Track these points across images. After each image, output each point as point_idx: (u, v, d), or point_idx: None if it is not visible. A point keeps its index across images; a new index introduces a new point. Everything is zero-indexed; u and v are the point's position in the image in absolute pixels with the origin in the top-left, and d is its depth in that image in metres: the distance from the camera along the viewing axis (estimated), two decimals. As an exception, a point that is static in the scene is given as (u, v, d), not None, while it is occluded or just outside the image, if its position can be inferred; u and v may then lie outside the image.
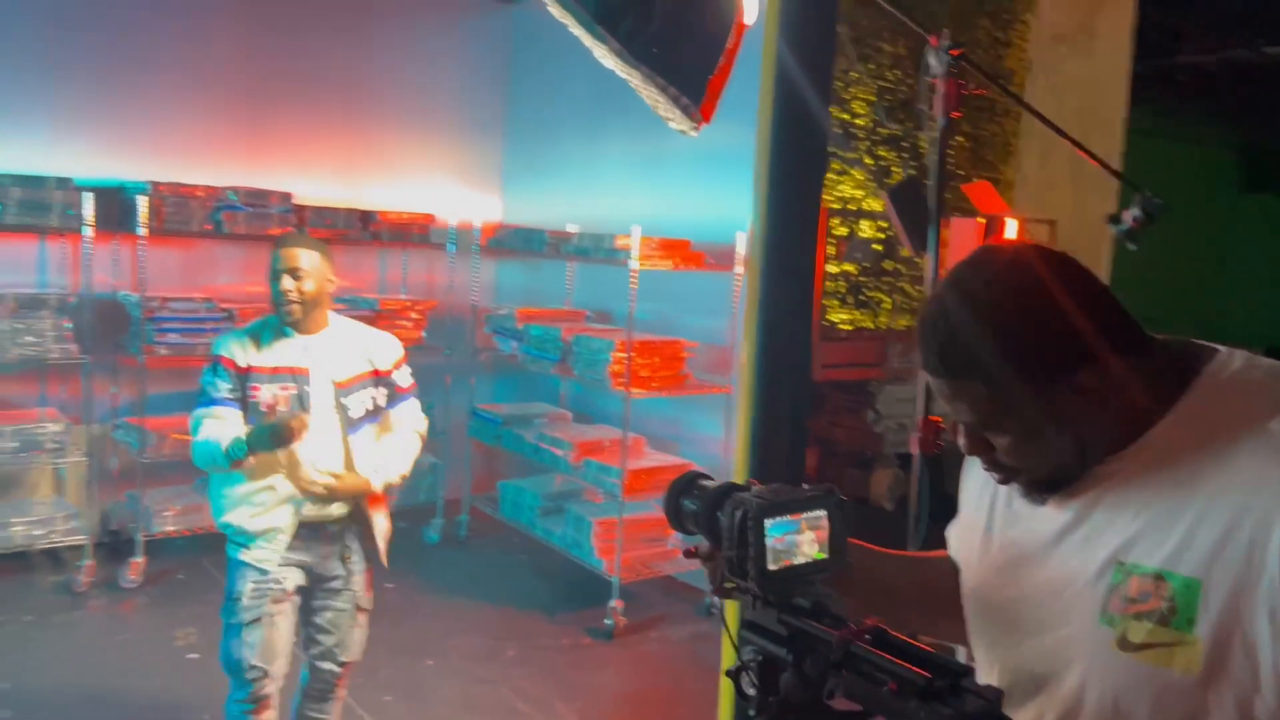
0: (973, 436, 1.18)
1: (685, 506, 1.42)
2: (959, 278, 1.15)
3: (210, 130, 5.42)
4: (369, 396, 2.88)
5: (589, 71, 5.62)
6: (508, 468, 5.99)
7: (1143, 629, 1.06)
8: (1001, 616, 1.25)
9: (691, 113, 2.62)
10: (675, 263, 4.86)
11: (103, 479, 5.18)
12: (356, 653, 3.00)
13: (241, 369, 2.77)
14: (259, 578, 2.77)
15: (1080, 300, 1.11)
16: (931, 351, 1.15)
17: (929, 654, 1.11)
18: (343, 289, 5.78)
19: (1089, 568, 1.13)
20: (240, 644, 2.76)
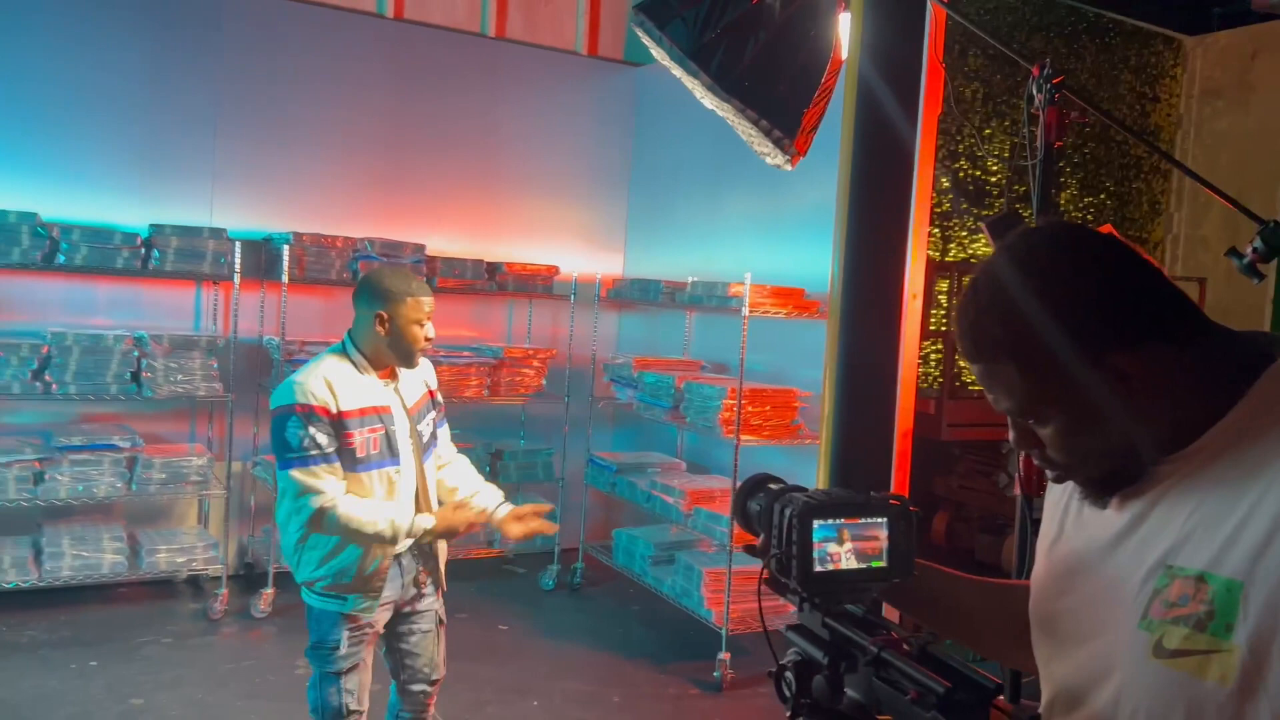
0: (1018, 427, 1.14)
1: (750, 508, 1.41)
2: (993, 259, 1.12)
3: (350, 185, 5.78)
4: (430, 420, 2.90)
5: (709, 127, 5.74)
6: (626, 516, 6.02)
7: (1178, 634, 0.98)
8: (1054, 628, 1.19)
9: (785, 145, 2.64)
10: (789, 310, 4.84)
11: (241, 513, 5.49)
12: (443, 667, 3.02)
13: (335, 416, 2.62)
14: (352, 625, 2.74)
15: (1121, 281, 1.06)
16: (964, 335, 1.12)
17: (966, 669, 1.06)
18: (470, 337, 6.03)
19: (1138, 572, 1.06)
20: (340, 691, 2.73)
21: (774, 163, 2.73)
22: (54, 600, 4.90)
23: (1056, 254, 1.08)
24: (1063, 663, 1.15)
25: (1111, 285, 1.06)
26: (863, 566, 1.28)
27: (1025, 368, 1.06)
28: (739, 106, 2.51)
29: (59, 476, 4.76)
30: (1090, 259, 1.07)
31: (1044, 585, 1.22)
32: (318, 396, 2.59)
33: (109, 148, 5.21)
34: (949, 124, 6.67)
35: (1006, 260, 1.10)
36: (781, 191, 5.39)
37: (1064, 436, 1.09)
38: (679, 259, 6.07)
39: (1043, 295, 1.05)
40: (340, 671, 2.73)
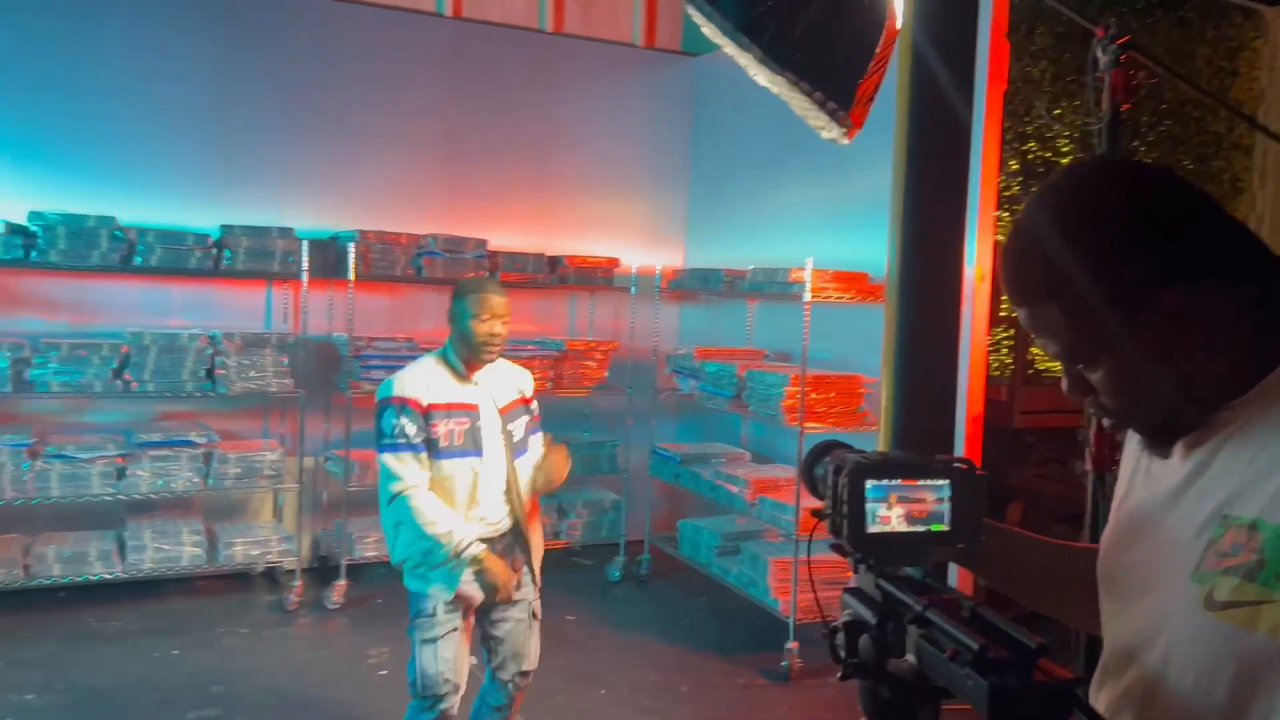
0: (1070, 374, 1.09)
1: (816, 472, 1.38)
2: (1036, 196, 1.07)
3: (413, 183, 5.87)
4: (522, 424, 3.06)
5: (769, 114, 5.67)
6: (691, 507, 6.00)
7: (1229, 585, 0.93)
8: (1118, 584, 1.14)
9: (840, 118, 2.60)
10: (852, 295, 4.77)
11: (314, 507, 5.61)
12: (534, 660, 3.10)
13: (424, 408, 2.86)
14: (447, 595, 2.87)
15: (1172, 213, 1.00)
16: (1009, 277, 1.08)
17: (1011, 629, 1.02)
18: (533, 331, 6.07)
19: (1195, 523, 1.00)
20: (435, 659, 2.85)
21: (830, 136, 2.69)
22: (138, 592, 5.06)
23: (1101, 186, 1.03)
24: (1121, 621, 1.11)
25: (1162, 217, 1.00)
26: (920, 529, 1.24)
27: (1070, 309, 1.02)
28: (792, 79, 2.47)
29: (140, 472, 4.91)
30: (1138, 190, 1.02)
31: (1109, 542, 1.17)
32: (410, 390, 2.86)
33: (181, 152, 5.37)
34: (1016, 105, 6.51)
35: (1049, 196, 1.05)
36: (842, 175, 5.31)
37: (1116, 381, 1.03)
38: (739, 248, 6.03)
39: (1087, 229, 1.01)
40: (436, 638, 2.85)
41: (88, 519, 5.09)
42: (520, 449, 3.03)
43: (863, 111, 2.61)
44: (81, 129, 5.17)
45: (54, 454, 4.78)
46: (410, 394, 2.85)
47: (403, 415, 2.82)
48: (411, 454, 2.82)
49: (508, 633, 3.01)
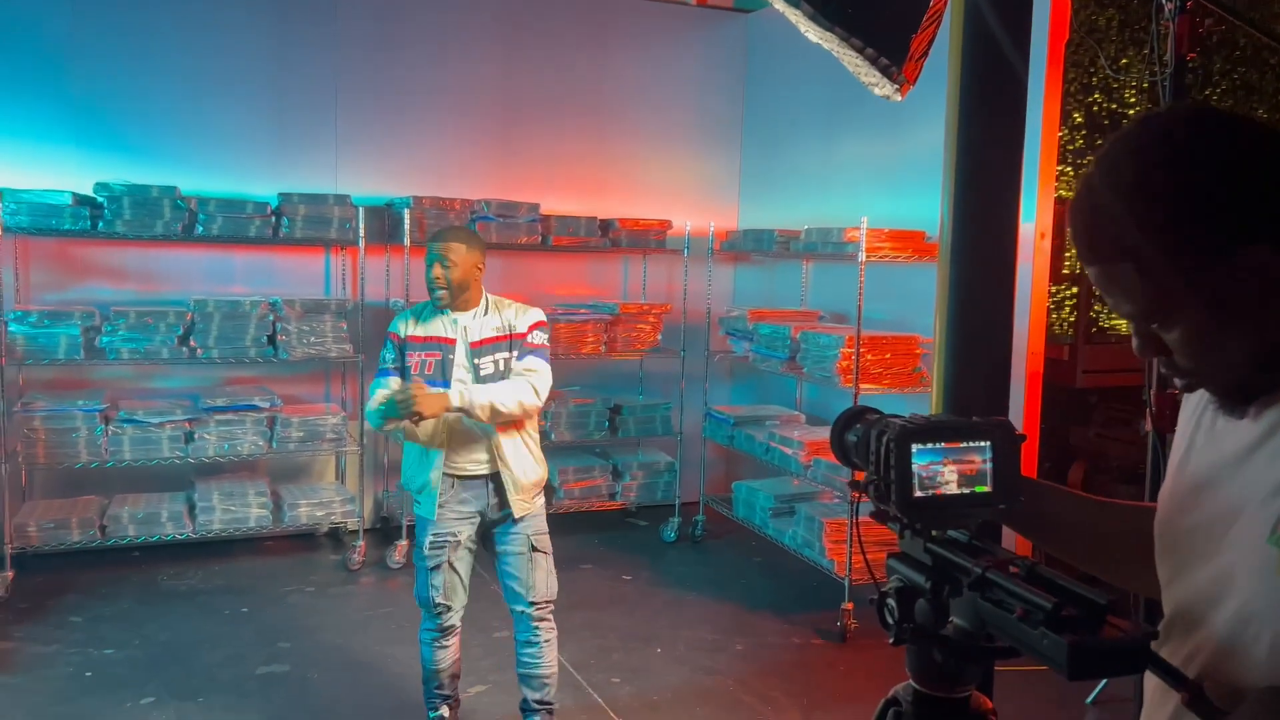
0: (1142, 334, 1.05)
1: (848, 440, 1.38)
2: (1108, 149, 1.03)
3: (465, 148, 5.89)
4: (501, 359, 3.20)
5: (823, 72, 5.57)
6: (745, 469, 6.01)
7: None
8: (1179, 546, 1.11)
9: (894, 74, 2.54)
10: (908, 255, 4.69)
11: (375, 469, 5.73)
12: (542, 593, 3.26)
13: (402, 340, 3.24)
14: (436, 529, 3.22)
15: (1260, 165, 0.96)
16: (1079, 235, 1.04)
17: (1076, 586, 1.02)
18: (586, 294, 6.08)
19: (1270, 483, 0.98)
20: (427, 585, 3.26)
21: (882, 93, 2.63)
22: (207, 552, 5.24)
23: (1184, 136, 0.99)
24: (1184, 582, 1.08)
25: (1249, 169, 0.96)
26: (965, 491, 1.24)
27: (1147, 267, 0.98)
28: (843, 35, 2.42)
29: (207, 436, 5.06)
30: (1224, 140, 0.98)
31: (1171, 501, 1.15)
32: (397, 327, 3.29)
33: (239, 122, 5.45)
34: (1081, 56, 6.30)
35: (1126, 145, 1.01)
36: (897, 132, 5.21)
37: (1193, 341, 1.00)
38: (793, 208, 5.96)
39: (1166, 183, 0.97)
40: (427, 567, 3.25)
41: (158, 481, 5.26)
42: (488, 381, 3.17)
43: (916, 67, 2.54)
44: (143, 102, 5.27)
45: (126, 419, 4.94)
46: (394, 329, 3.27)
47: (385, 348, 3.27)
48: (383, 376, 3.22)
49: (511, 565, 3.25)
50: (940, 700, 1.26)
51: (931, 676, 1.26)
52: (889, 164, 5.33)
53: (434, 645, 3.33)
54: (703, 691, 3.92)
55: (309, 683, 3.90)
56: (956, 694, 1.26)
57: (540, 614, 3.24)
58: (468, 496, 3.23)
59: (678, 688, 3.95)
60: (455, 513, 3.23)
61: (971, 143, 2.32)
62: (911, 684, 1.30)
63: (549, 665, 3.28)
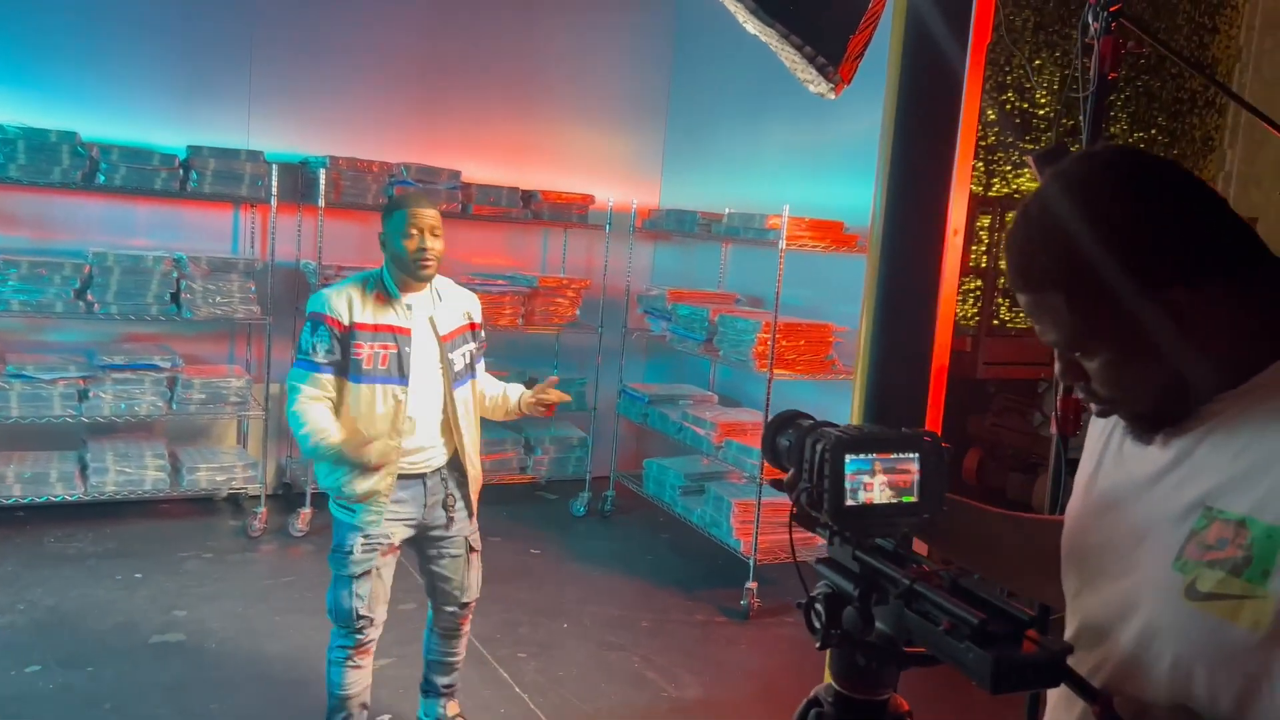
0: (1064, 360, 1.11)
1: (780, 444, 1.40)
2: (1047, 184, 1.08)
3: (386, 110, 5.74)
4: (468, 352, 2.97)
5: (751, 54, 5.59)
6: (657, 447, 6.06)
7: (1213, 578, 0.96)
8: (1086, 563, 1.17)
9: (829, 73, 2.57)
10: (827, 244, 4.77)
11: (280, 434, 5.59)
12: (475, 592, 3.13)
13: (345, 328, 2.76)
14: (368, 530, 2.85)
15: (1185, 213, 1.01)
16: (1013, 263, 1.09)
17: (1000, 601, 1.07)
18: (505, 266, 6.02)
19: (1175, 510, 1.04)
20: (350, 595, 2.86)
21: (817, 91, 2.66)
22: (99, 514, 5.04)
23: (1116, 180, 1.04)
24: (1091, 597, 1.14)
25: (1175, 216, 1.01)
26: (894, 501, 1.28)
27: (1076, 299, 1.03)
28: (782, 31, 2.44)
29: (102, 394, 4.86)
30: (1153, 187, 1.02)
31: (1079, 520, 1.21)
32: (334, 309, 2.76)
33: (147, 68, 5.20)
34: (998, 54, 6.46)
35: (1061, 185, 1.05)
36: (824, 122, 5.27)
37: (1113, 371, 1.05)
38: (716, 190, 5.99)
39: (1099, 224, 1.01)
40: (353, 575, 2.84)
41: (48, 440, 5.04)
42: (461, 378, 2.94)
43: (852, 67, 2.58)
44: (43, 41, 4.98)
45: (14, 373, 4.71)
46: (332, 313, 2.76)
47: (316, 334, 2.76)
48: (315, 373, 2.76)
49: (446, 567, 3.03)
50: (861, 702, 1.31)
51: (854, 679, 1.31)
52: (812, 154, 5.40)
53: (346, 665, 2.92)
54: (608, 667, 3.97)
55: (205, 652, 3.81)
56: (877, 696, 1.31)
57: (468, 612, 3.14)
58: (405, 497, 2.89)
59: (583, 663, 3.98)
60: (391, 514, 2.86)
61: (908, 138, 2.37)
62: (833, 685, 1.35)
63: (462, 654, 3.23)
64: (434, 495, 2.95)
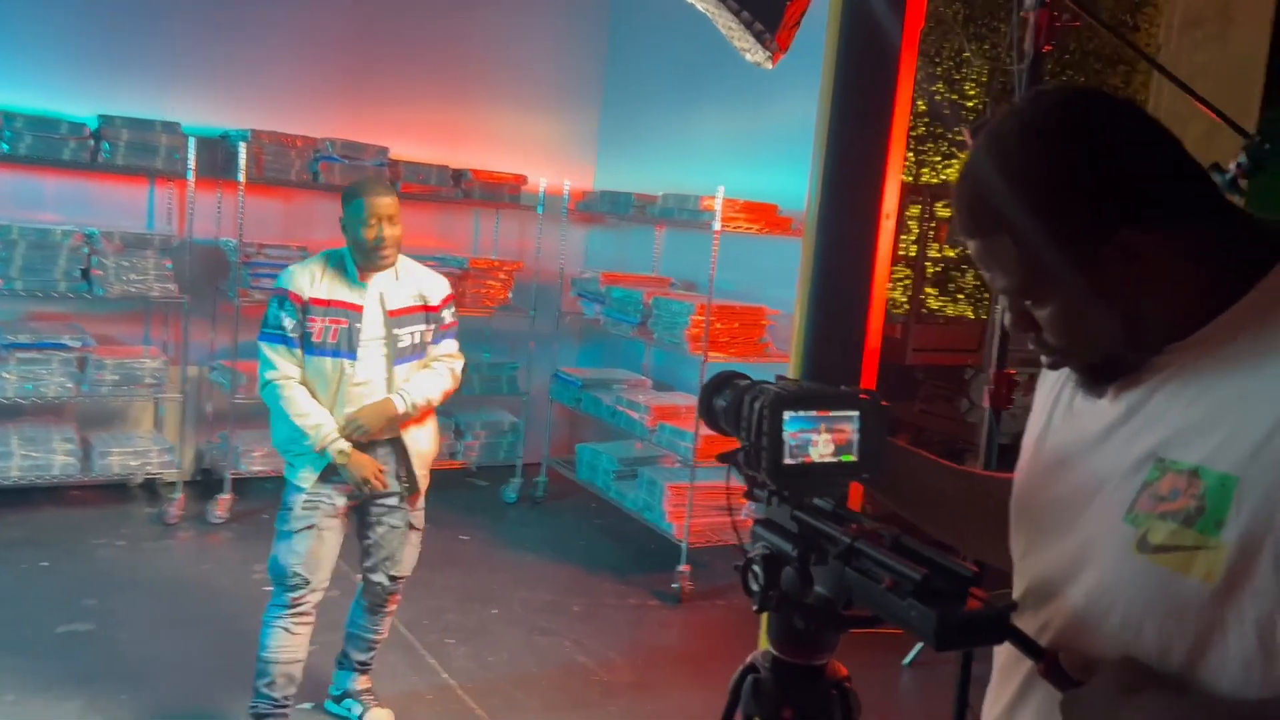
0: (1015, 309, 1.07)
1: (717, 404, 1.36)
2: (997, 122, 1.04)
3: (312, 83, 5.56)
4: (417, 331, 3.02)
5: (687, 34, 5.54)
6: (589, 431, 6.00)
7: (1165, 529, 0.94)
8: (1034, 521, 1.15)
9: (766, 40, 2.53)
10: (761, 227, 4.76)
11: (198, 418, 5.40)
12: (408, 568, 3.15)
13: (303, 302, 2.89)
14: (312, 489, 2.92)
15: (1141, 152, 0.98)
16: (962, 206, 1.05)
17: (942, 558, 1.04)
18: (434, 246, 5.89)
19: (1127, 463, 1.01)
20: (289, 550, 2.90)
21: (754, 60, 2.63)
22: (5, 501, 4.80)
23: (1069, 118, 1.00)
24: (1040, 556, 1.12)
25: (1130, 155, 0.98)
26: (833, 460, 1.24)
27: (1024, 242, 1.00)
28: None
29: (6, 375, 4.62)
30: (1103, 124, 0.99)
31: (1028, 477, 1.18)
32: (297, 285, 2.90)
33: (56, 32, 4.94)
34: (928, 45, 6.53)
35: (1014, 120, 1.02)
36: (759, 105, 5.26)
37: (1064, 319, 1.02)
38: (651, 172, 5.94)
39: (1051, 162, 0.98)
40: (291, 531, 2.90)
41: (-52, 423, 4.78)
42: (405, 356, 3.00)
43: (789, 35, 2.55)
44: (-60, -2, 4.71)
45: (-91, 352, 4.46)
46: (294, 288, 2.89)
47: (283, 308, 2.88)
48: (285, 347, 2.88)
49: (381, 536, 3.06)
50: (799, 667, 1.28)
51: (792, 644, 1.27)
52: (747, 136, 5.38)
53: (278, 628, 2.91)
54: (538, 652, 3.90)
55: (116, 643, 3.64)
56: (815, 661, 1.28)
57: (397, 588, 3.14)
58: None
59: (513, 649, 3.91)
60: (336, 475, 2.92)
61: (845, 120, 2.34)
62: (771, 651, 1.31)
63: (384, 634, 3.23)
64: (383, 465, 2.99)
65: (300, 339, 2.88)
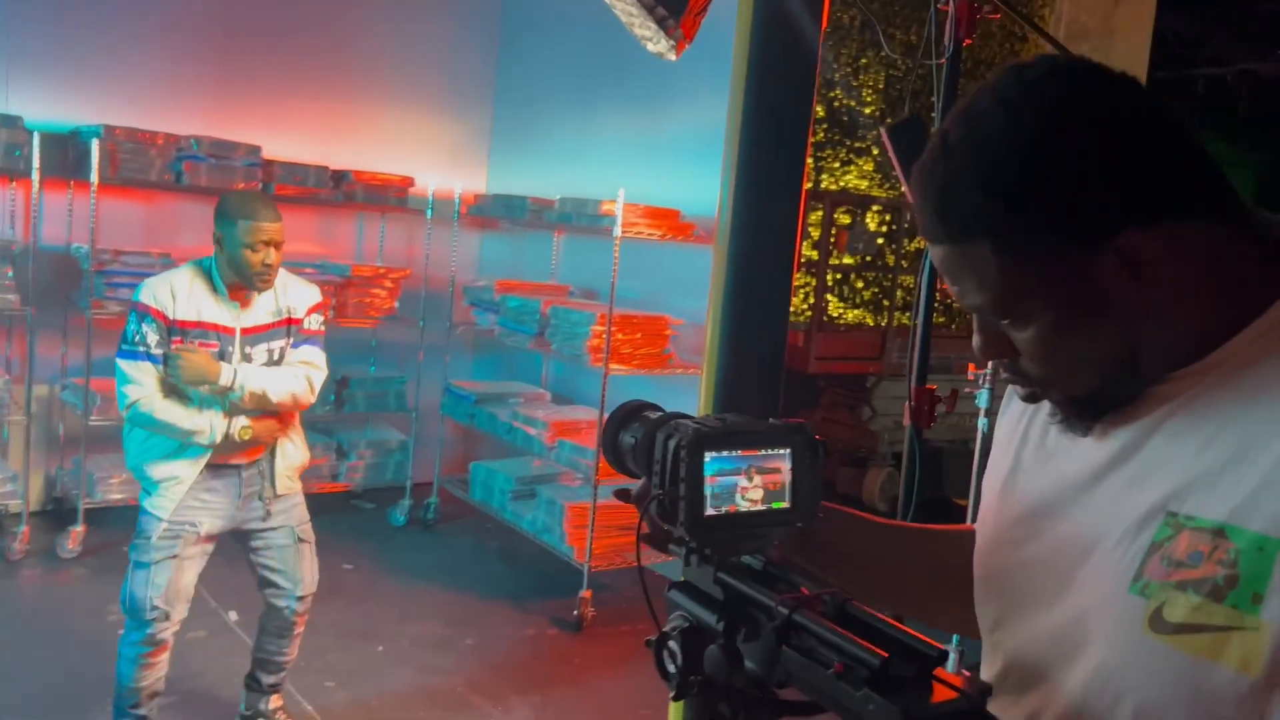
0: (987, 330, 0.87)
1: (624, 441, 1.12)
2: (971, 101, 0.83)
3: (175, 74, 5.11)
4: (276, 347, 2.90)
5: (584, 31, 5.31)
6: (485, 449, 5.69)
7: (1186, 604, 0.75)
8: (1008, 585, 0.94)
9: (670, 27, 2.32)
10: (664, 233, 4.56)
11: (47, 442, 4.90)
12: (310, 585, 3.04)
13: (169, 321, 2.75)
14: (172, 517, 2.78)
15: (1144, 136, 0.79)
16: (926, 205, 0.84)
17: (900, 633, 0.83)
18: (313, 253, 5.52)
19: (1127, 518, 0.81)
20: (146, 583, 2.77)
21: (656, 50, 2.41)
22: None
23: (1064, 93, 0.80)
24: (1018, 628, 0.92)
25: (1132, 141, 0.78)
26: (762, 508, 1.03)
27: (1008, 249, 0.80)
28: (618, -23, 2.16)
29: None
30: (1107, 101, 0.80)
31: (996, 532, 0.98)
32: (158, 300, 2.74)
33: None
34: (825, 50, 6.47)
35: (991, 99, 0.81)
36: (662, 105, 5.08)
37: (1048, 341, 0.83)
38: (548, 176, 5.69)
39: (1041, 146, 0.78)
40: (149, 562, 2.77)
41: None
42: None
43: (694, 22, 2.34)
44: None
45: None
46: (156, 304, 2.74)
47: (144, 323, 2.74)
48: (149, 363, 2.74)
49: (274, 558, 2.97)
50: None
51: (715, 735, 1.04)
52: (649, 138, 5.19)
53: (139, 662, 2.82)
54: (427, 693, 3.60)
55: (-59, 701, 3.20)
56: (744, 757, 1.05)
57: (304, 607, 3.03)
58: (217, 486, 2.85)
59: (399, 691, 3.60)
60: (199, 501, 2.81)
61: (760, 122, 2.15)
62: (688, 744, 1.07)
63: (294, 655, 3.13)
64: (249, 487, 2.90)
65: (164, 358, 2.73)
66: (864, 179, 7.16)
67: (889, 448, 6.52)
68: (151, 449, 2.79)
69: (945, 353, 5.74)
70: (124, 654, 2.85)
